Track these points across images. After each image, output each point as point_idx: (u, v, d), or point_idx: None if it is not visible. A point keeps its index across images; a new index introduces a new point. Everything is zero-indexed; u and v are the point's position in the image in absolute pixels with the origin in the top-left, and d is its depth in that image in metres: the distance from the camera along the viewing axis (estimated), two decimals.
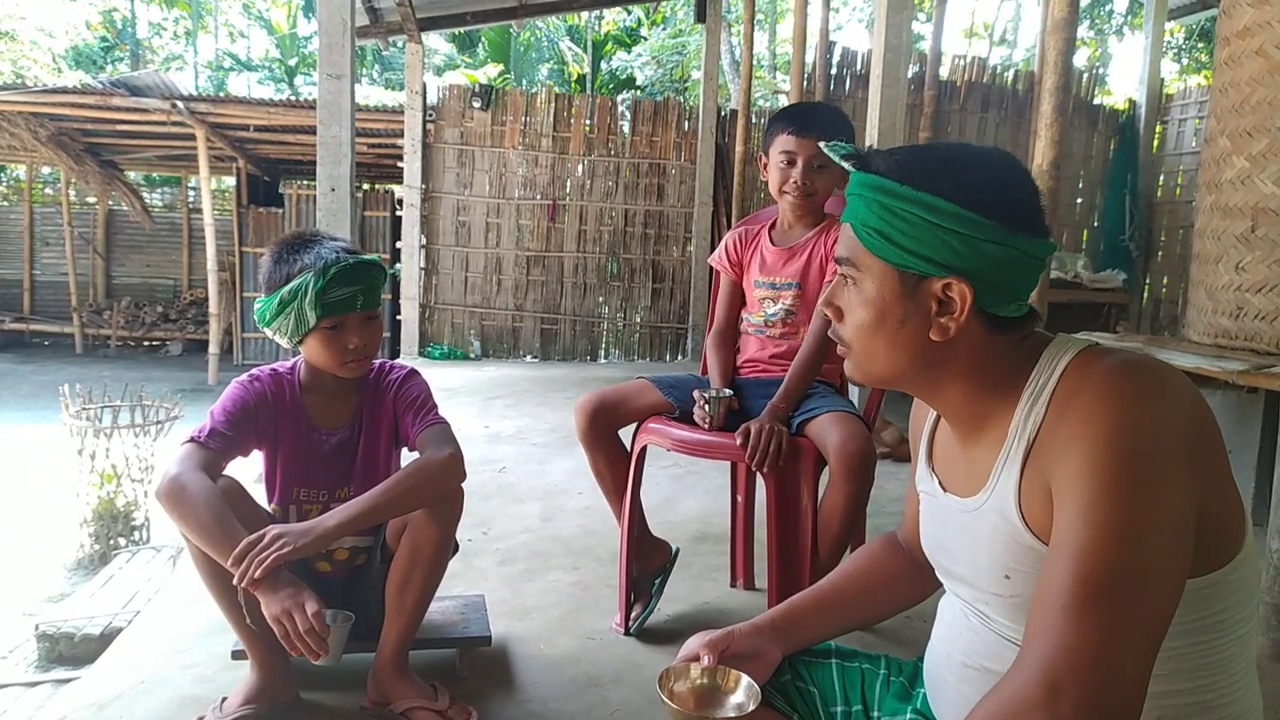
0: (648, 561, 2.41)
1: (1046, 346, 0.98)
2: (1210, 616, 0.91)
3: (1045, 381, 0.94)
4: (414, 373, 2.01)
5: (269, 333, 1.86)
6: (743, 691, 1.14)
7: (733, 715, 1.12)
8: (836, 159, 1.06)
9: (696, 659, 1.17)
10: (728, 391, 2.20)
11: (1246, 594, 0.93)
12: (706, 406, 2.15)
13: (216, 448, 1.78)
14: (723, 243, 2.48)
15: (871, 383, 1.07)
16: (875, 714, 1.19)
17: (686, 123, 8.65)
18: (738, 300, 2.46)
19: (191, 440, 1.77)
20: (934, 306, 0.97)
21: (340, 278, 1.79)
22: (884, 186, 0.98)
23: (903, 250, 0.96)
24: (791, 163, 2.23)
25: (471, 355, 8.42)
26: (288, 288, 1.79)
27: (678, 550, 2.49)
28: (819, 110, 2.39)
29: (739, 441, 2.02)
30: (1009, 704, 0.81)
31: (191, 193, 12.50)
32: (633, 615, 2.36)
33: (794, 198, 2.27)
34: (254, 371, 1.94)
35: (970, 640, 1.04)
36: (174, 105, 8.46)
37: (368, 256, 1.87)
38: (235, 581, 1.59)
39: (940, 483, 1.10)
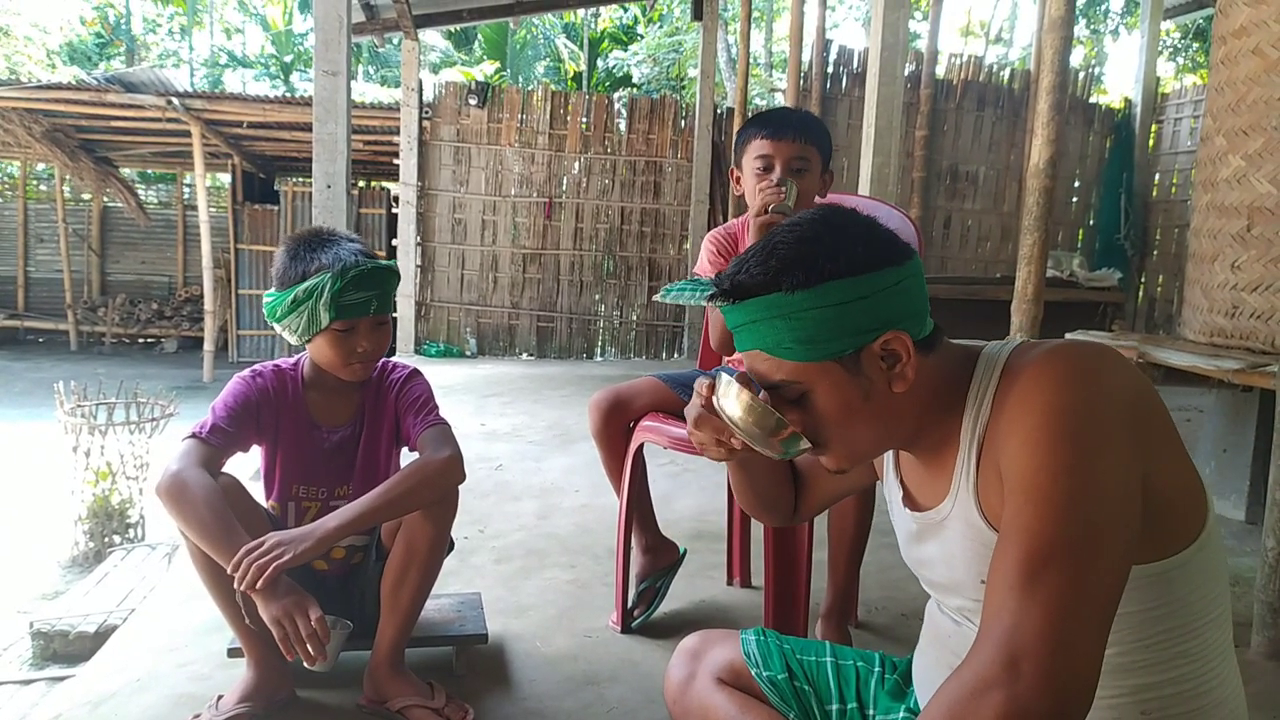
0: (655, 559, 2.40)
1: (980, 354, 1.01)
2: (1178, 600, 0.91)
3: (987, 384, 0.97)
4: (416, 373, 2.01)
5: (277, 328, 1.85)
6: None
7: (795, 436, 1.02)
8: (691, 303, 1.06)
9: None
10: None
11: (1214, 574, 0.94)
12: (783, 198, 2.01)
13: (217, 444, 1.77)
14: (707, 249, 2.35)
15: (861, 464, 1.09)
16: (870, 712, 1.19)
17: (683, 121, 8.65)
18: None
19: (193, 436, 1.76)
20: (882, 367, 0.98)
21: (357, 281, 1.78)
22: (773, 302, 0.97)
23: (828, 342, 0.97)
24: (769, 168, 2.10)
25: (467, 353, 8.41)
26: (303, 286, 1.78)
27: (685, 551, 2.49)
28: (791, 112, 2.22)
29: None
30: (968, 684, 0.82)
31: (187, 189, 12.46)
32: (635, 614, 2.36)
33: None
34: (257, 367, 1.94)
35: (958, 643, 1.04)
36: (169, 102, 8.43)
37: (384, 261, 1.86)
38: (235, 586, 1.58)
39: (907, 493, 1.12)
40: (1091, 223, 9.02)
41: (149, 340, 12.17)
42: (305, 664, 1.57)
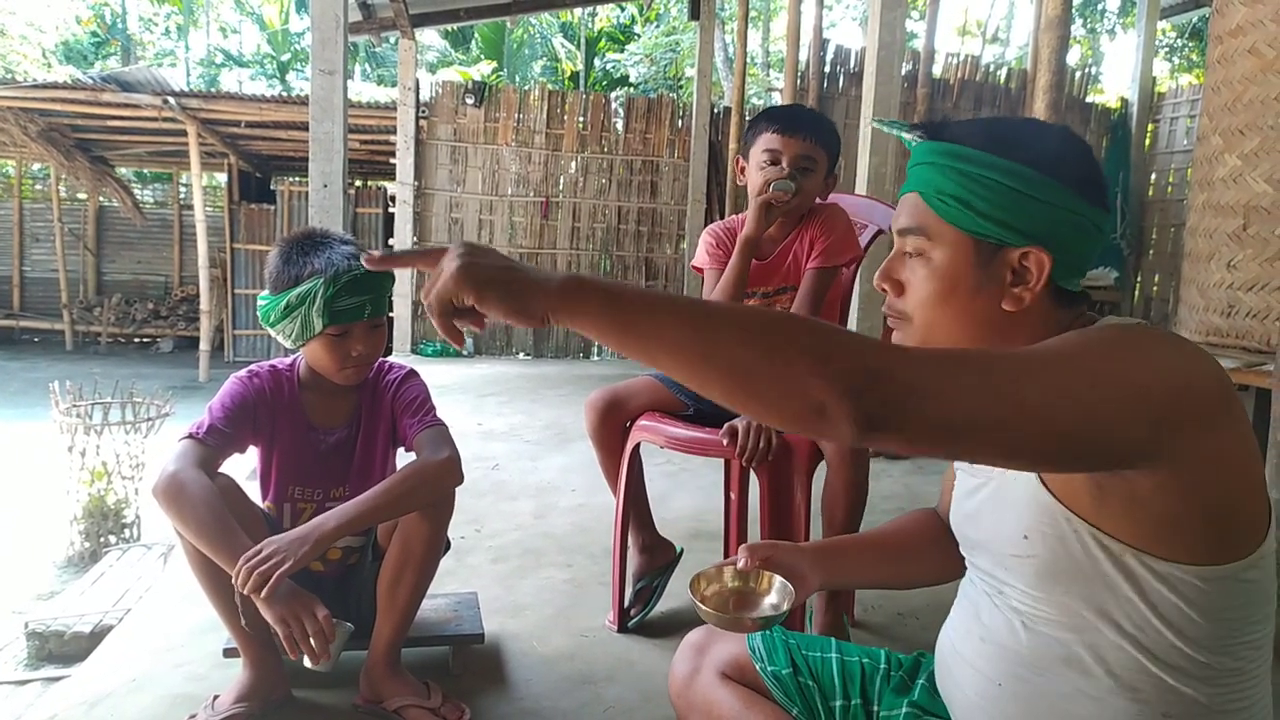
0: (652, 558, 2.40)
1: (1093, 326, 0.97)
2: (1216, 612, 0.89)
3: None
4: (413, 373, 2.00)
5: (271, 332, 1.84)
6: (776, 593, 1.11)
7: (769, 614, 1.09)
8: (898, 134, 1.05)
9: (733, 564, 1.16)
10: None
11: (1262, 598, 0.91)
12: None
13: (214, 445, 1.76)
14: (706, 241, 2.34)
15: None
16: (875, 708, 1.19)
17: (680, 120, 8.65)
18: None
19: (189, 436, 1.75)
20: (1008, 277, 0.96)
21: (350, 286, 1.77)
22: (963, 154, 0.96)
23: (983, 217, 0.95)
24: (775, 162, 2.12)
25: (464, 352, 8.40)
26: (295, 292, 1.76)
27: (682, 551, 2.49)
28: (805, 111, 2.27)
29: (725, 440, 2.01)
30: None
31: (183, 189, 12.45)
32: (632, 613, 2.36)
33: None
34: (253, 368, 1.93)
35: (989, 614, 1.03)
36: (165, 101, 8.42)
37: None
38: (237, 590, 1.58)
39: None
40: None
41: (145, 340, 12.16)
42: (308, 663, 1.57)
